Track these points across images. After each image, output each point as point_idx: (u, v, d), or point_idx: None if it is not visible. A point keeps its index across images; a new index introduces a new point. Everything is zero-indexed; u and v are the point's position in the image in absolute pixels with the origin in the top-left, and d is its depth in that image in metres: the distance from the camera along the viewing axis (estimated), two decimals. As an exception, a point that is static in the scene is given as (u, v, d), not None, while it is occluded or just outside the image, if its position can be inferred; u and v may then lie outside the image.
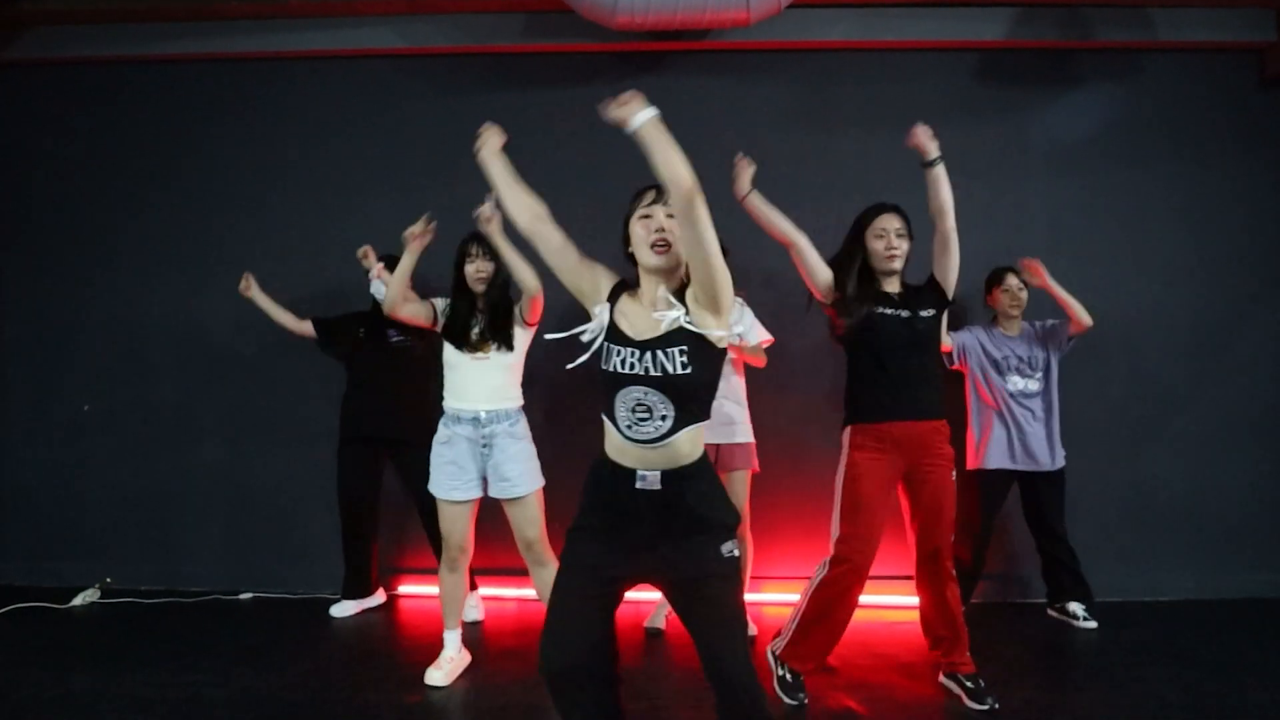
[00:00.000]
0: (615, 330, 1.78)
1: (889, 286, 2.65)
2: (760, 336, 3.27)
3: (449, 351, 2.86)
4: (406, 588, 3.85)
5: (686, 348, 1.73)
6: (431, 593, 3.74)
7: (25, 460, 3.99)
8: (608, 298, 1.84)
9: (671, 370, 1.72)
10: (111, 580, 3.83)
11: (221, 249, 3.98)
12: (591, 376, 1.83)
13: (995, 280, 3.55)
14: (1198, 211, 3.88)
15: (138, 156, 4.01)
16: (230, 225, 3.98)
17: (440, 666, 2.79)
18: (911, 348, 2.59)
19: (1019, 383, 3.47)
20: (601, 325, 1.79)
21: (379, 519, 3.67)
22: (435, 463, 2.80)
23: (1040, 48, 3.84)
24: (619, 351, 1.75)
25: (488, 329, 2.86)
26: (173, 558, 3.92)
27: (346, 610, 3.54)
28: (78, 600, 3.66)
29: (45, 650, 3.07)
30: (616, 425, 1.76)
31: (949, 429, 2.66)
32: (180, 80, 3.99)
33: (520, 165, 4.21)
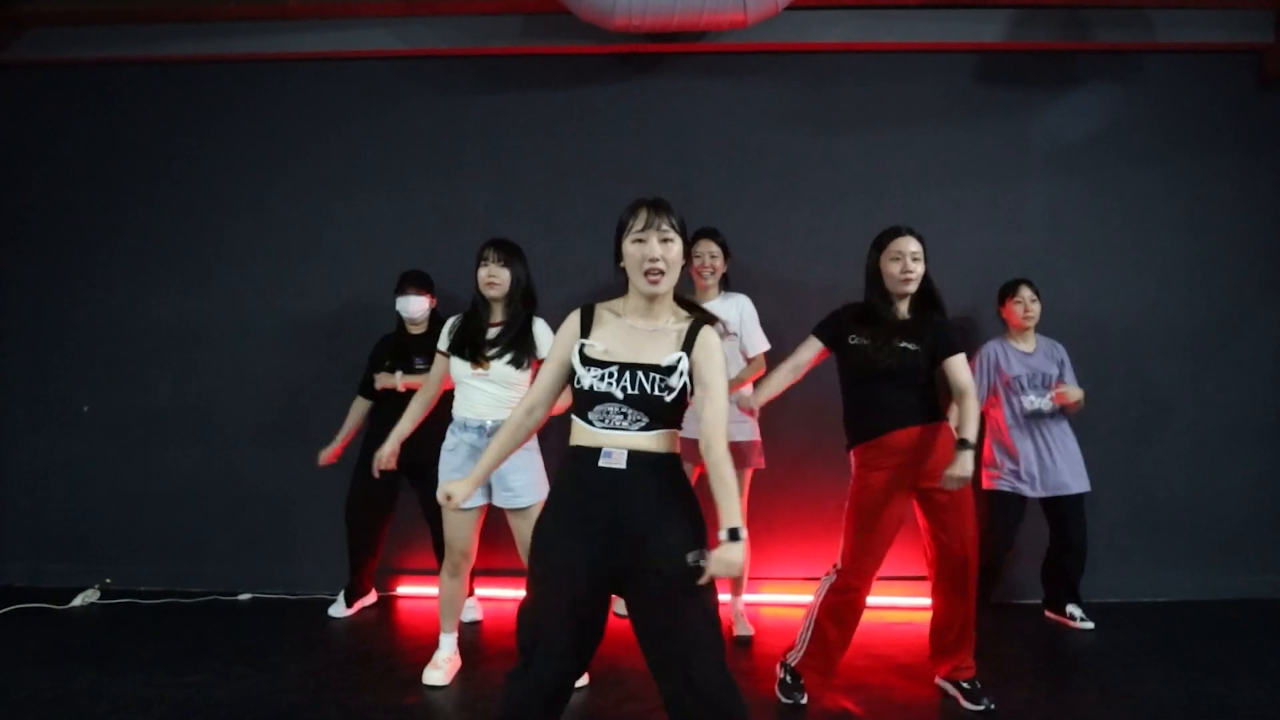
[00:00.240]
0: (589, 357, 1.81)
1: (898, 313, 2.64)
2: (759, 346, 3.27)
3: (455, 364, 2.77)
4: (405, 588, 3.85)
5: (666, 379, 1.78)
6: (429, 593, 3.75)
7: (25, 461, 4.00)
8: (581, 335, 1.86)
9: (649, 391, 1.77)
10: (111, 581, 3.84)
11: (220, 249, 3.98)
12: None
13: (1009, 292, 3.48)
14: (1197, 212, 3.88)
15: (136, 157, 4.01)
16: (229, 225, 3.99)
17: (438, 666, 2.80)
18: (906, 373, 2.58)
19: (1031, 401, 3.40)
20: (579, 356, 1.82)
21: (386, 535, 3.65)
22: (442, 470, 2.77)
23: (1039, 49, 3.84)
24: (595, 371, 1.79)
25: (502, 347, 2.72)
26: (172, 559, 3.92)
27: (343, 610, 3.55)
28: (77, 601, 3.66)
29: (45, 651, 3.08)
30: (589, 423, 1.79)
31: (950, 428, 2.64)
32: (179, 81, 4.00)
33: (519, 166, 4.24)
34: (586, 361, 1.80)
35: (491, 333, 2.76)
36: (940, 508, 2.57)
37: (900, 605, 3.61)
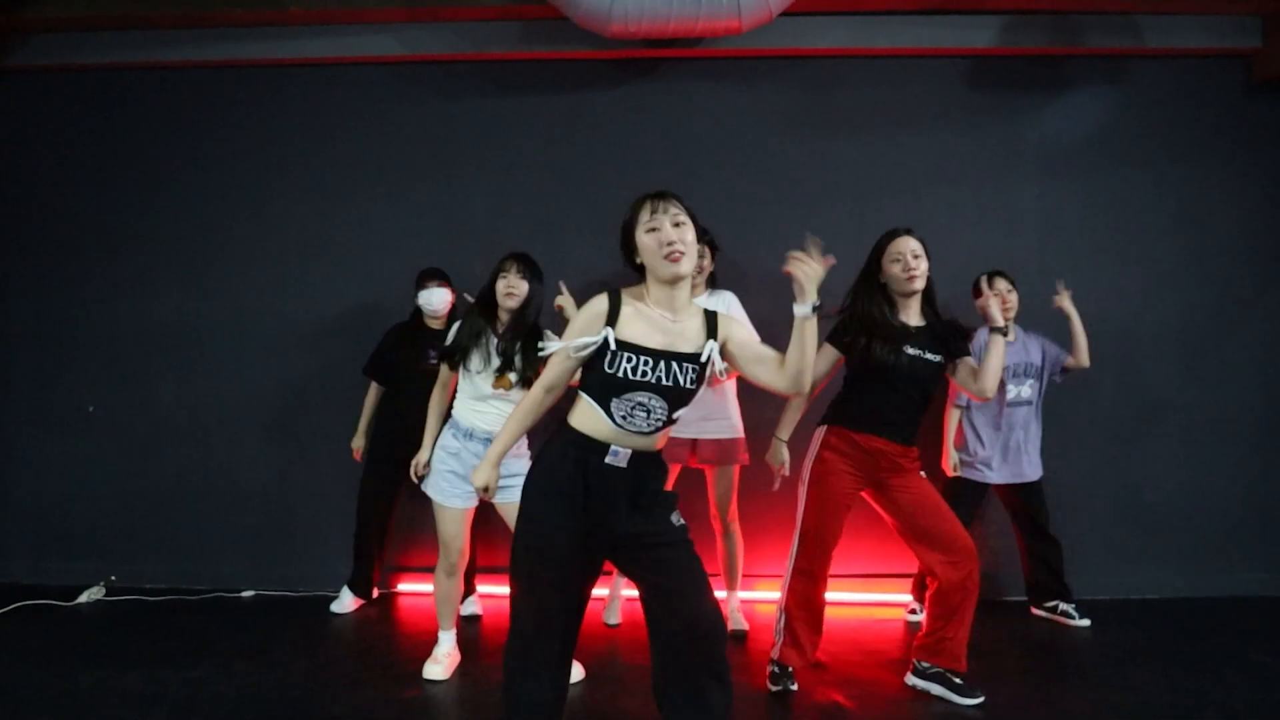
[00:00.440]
0: (624, 341, 1.84)
1: (908, 315, 2.65)
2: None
3: (477, 380, 2.75)
4: (405, 586, 3.90)
5: (697, 369, 1.87)
6: (429, 590, 3.79)
7: (31, 461, 4.05)
8: (606, 321, 1.87)
9: (682, 383, 1.85)
10: (116, 578, 3.88)
11: (222, 252, 4.03)
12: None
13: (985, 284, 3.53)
14: (1187, 215, 3.92)
15: (139, 161, 4.05)
16: (230, 229, 4.03)
17: (438, 661, 2.85)
18: (912, 382, 2.63)
19: (1011, 390, 3.47)
20: (598, 341, 1.85)
21: (391, 531, 3.72)
22: (437, 468, 2.80)
23: (1031, 54, 3.88)
24: (630, 358, 1.82)
25: (521, 366, 2.71)
26: (176, 556, 3.97)
27: (346, 604, 3.60)
28: (83, 598, 3.71)
29: (51, 647, 3.13)
30: (609, 415, 1.84)
31: (917, 454, 2.72)
32: (182, 86, 4.04)
33: (517, 170, 4.27)
34: (624, 347, 1.83)
35: (506, 348, 2.74)
36: (899, 493, 2.67)
37: (890, 602, 3.66)
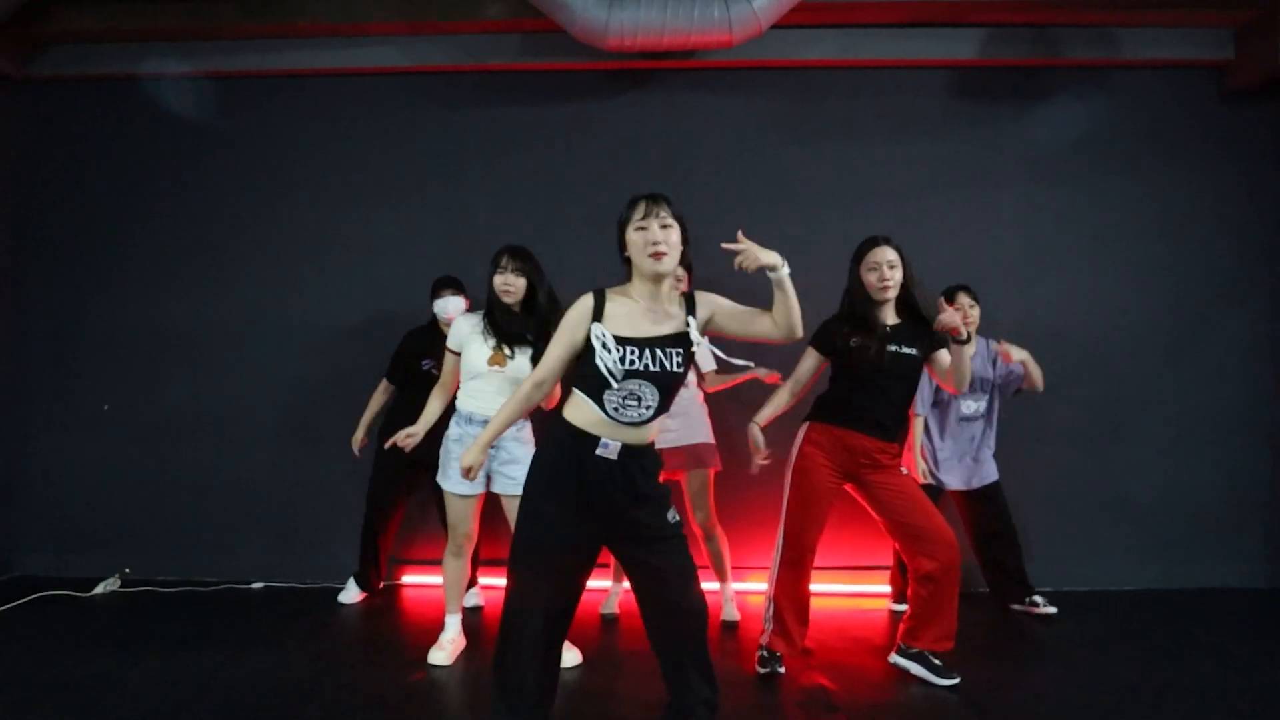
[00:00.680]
0: (615, 335, 1.98)
1: (885, 314, 2.79)
2: (707, 365, 3.40)
3: (470, 357, 2.85)
4: (409, 578, 4.01)
5: (682, 351, 2.00)
6: (432, 582, 3.93)
7: (49, 458, 4.15)
8: (593, 319, 2.01)
9: (669, 368, 1.98)
10: (131, 571, 3.99)
11: (234, 255, 4.14)
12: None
13: (947, 298, 3.46)
14: (1165, 220, 4.03)
15: (153, 168, 4.16)
16: (242, 233, 4.14)
17: (443, 647, 2.97)
18: (894, 378, 2.76)
19: (969, 405, 3.51)
20: (601, 338, 1.98)
21: (397, 526, 3.82)
22: (445, 458, 2.92)
23: (1012, 65, 4.00)
24: (619, 349, 1.95)
25: (526, 341, 2.82)
26: (188, 550, 4.07)
27: (352, 595, 3.71)
28: (99, 589, 3.80)
29: (69, 636, 3.23)
30: (602, 407, 1.96)
31: (898, 449, 2.86)
32: (195, 96, 4.12)
33: (516, 177, 4.39)
34: (616, 340, 1.95)
35: (510, 327, 2.83)
36: (878, 488, 2.79)
37: (874, 593, 3.79)
